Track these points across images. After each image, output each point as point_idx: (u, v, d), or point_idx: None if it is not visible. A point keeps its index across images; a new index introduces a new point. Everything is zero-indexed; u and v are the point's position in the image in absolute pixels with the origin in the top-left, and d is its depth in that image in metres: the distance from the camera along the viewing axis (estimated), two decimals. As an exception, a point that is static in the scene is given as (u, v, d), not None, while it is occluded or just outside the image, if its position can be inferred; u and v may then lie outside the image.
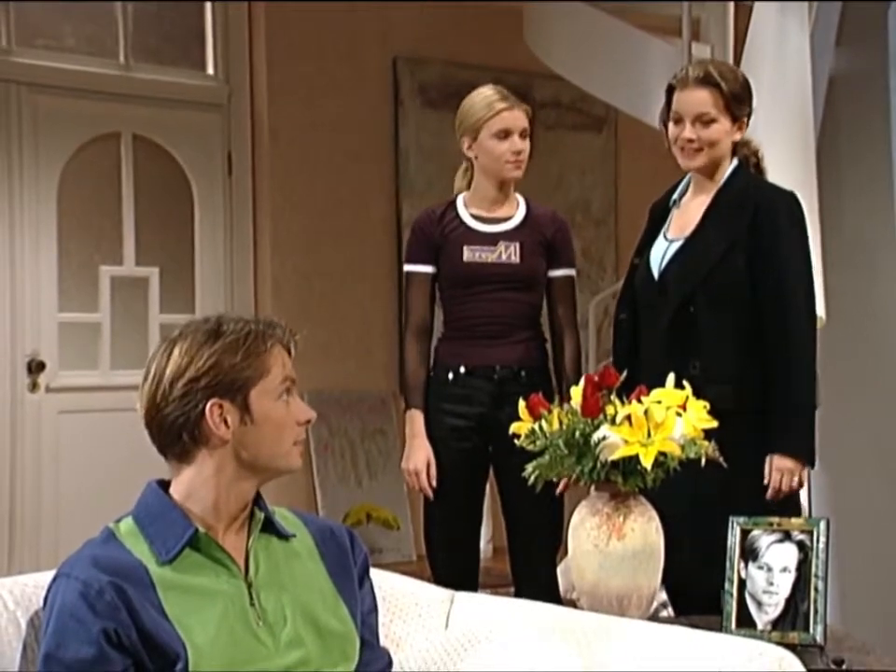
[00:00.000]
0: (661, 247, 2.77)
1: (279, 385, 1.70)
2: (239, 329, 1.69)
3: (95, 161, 5.04)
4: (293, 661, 1.65)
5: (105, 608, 1.56)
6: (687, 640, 1.75)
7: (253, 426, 1.68)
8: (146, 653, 1.57)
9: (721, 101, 2.67)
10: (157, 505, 1.70)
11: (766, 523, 2.16)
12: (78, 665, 1.54)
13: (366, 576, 1.83)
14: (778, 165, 3.05)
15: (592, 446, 2.11)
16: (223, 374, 1.66)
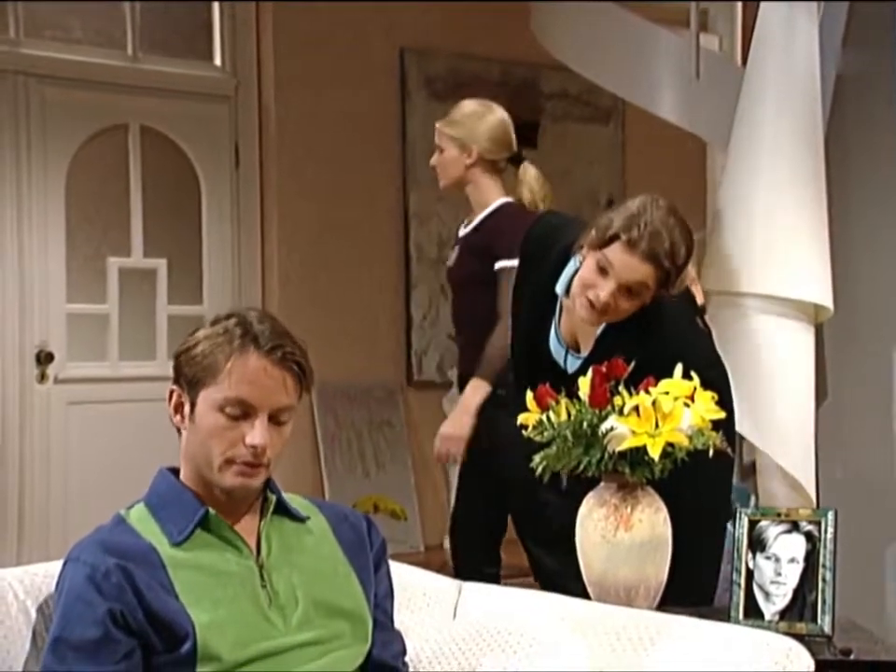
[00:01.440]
0: (559, 350, 2.55)
1: (221, 398, 1.64)
2: (226, 325, 1.67)
3: (103, 153, 5.05)
4: (303, 641, 1.65)
5: (112, 589, 1.58)
6: (694, 630, 1.75)
7: (193, 426, 1.67)
8: (154, 633, 1.58)
9: (660, 279, 2.35)
10: (168, 489, 1.71)
11: (774, 513, 2.17)
12: (85, 646, 1.55)
13: (383, 561, 1.83)
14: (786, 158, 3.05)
15: (599, 437, 2.11)
16: (186, 363, 1.67)
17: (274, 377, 1.64)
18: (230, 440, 1.64)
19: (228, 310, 1.74)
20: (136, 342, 5.03)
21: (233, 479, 1.65)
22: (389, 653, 1.79)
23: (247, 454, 1.64)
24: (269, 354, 1.64)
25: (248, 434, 1.63)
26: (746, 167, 3.10)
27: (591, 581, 2.15)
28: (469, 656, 1.83)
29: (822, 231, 3.05)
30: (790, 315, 3.01)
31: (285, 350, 1.65)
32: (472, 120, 3.31)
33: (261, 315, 1.71)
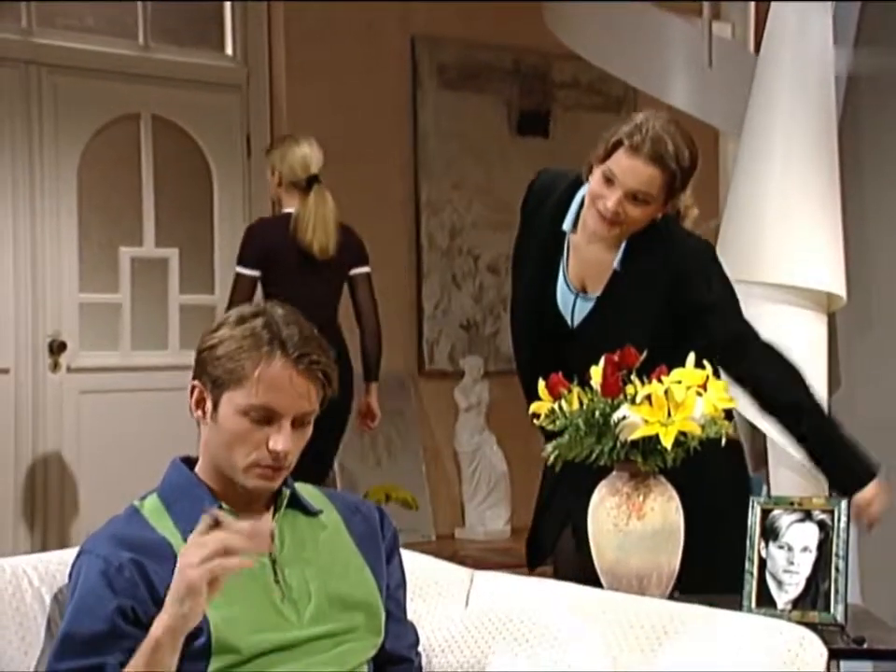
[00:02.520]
0: (568, 298, 2.50)
1: (245, 403, 1.62)
2: (252, 327, 1.64)
3: (115, 143, 5.05)
4: (316, 634, 1.66)
5: (124, 585, 1.58)
6: (707, 619, 1.75)
7: (215, 425, 1.66)
8: None
9: (666, 184, 2.35)
10: (181, 482, 1.71)
11: (787, 502, 2.16)
12: (90, 640, 1.56)
13: (395, 551, 1.83)
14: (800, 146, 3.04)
15: (612, 426, 2.11)
16: (210, 363, 1.65)
17: (300, 385, 1.63)
18: (253, 443, 1.63)
19: (254, 306, 1.71)
20: (148, 331, 5.05)
21: (256, 481, 1.65)
22: (402, 645, 1.79)
23: (270, 457, 1.63)
24: (296, 362, 1.62)
25: (272, 439, 1.62)
26: (759, 156, 3.09)
27: (603, 570, 2.15)
28: (481, 644, 1.83)
29: (836, 220, 3.04)
30: (802, 304, 3.00)
31: (311, 358, 1.63)
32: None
33: (288, 313, 1.67)
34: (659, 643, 1.74)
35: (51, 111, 4.85)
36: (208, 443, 1.68)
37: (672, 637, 1.74)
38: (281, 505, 1.72)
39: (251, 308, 1.69)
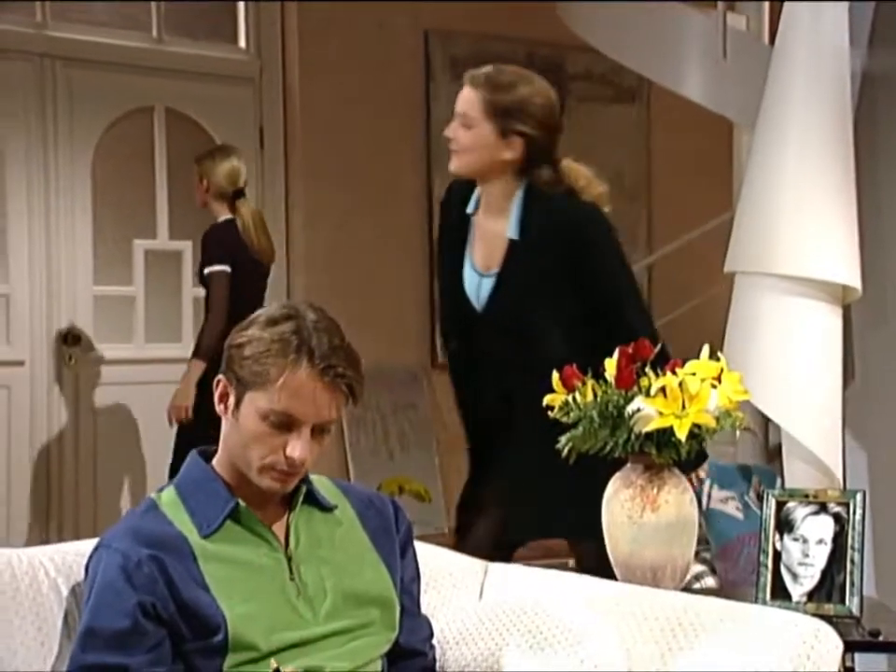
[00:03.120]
0: (473, 279, 2.57)
1: (267, 407, 1.62)
2: (282, 332, 1.62)
3: (128, 136, 5.06)
4: (331, 631, 1.66)
5: (144, 581, 1.58)
6: (722, 611, 1.75)
7: (236, 422, 1.66)
8: (184, 624, 1.59)
9: (484, 107, 2.48)
10: (199, 476, 1.71)
11: (802, 494, 2.16)
12: (114, 636, 1.56)
13: (409, 545, 1.83)
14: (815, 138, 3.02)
15: (626, 418, 2.11)
16: (237, 361, 1.64)
17: (324, 396, 1.61)
18: (270, 447, 1.63)
19: (285, 306, 1.68)
20: (162, 323, 5.06)
21: (270, 483, 1.65)
22: (416, 639, 1.80)
23: (286, 463, 1.63)
24: (322, 373, 1.60)
25: (290, 445, 1.62)
26: (774, 147, 3.08)
27: (617, 562, 2.15)
28: (495, 637, 1.83)
29: (851, 212, 3.02)
30: (817, 297, 2.99)
31: (337, 371, 1.61)
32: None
33: (319, 318, 1.65)
34: (673, 635, 1.74)
35: (66, 104, 4.87)
36: (227, 439, 1.69)
37: (686, 629, 1.74)
38: (297, 502, 1.71)
39: (283, 309, 1.66)
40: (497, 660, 1.78)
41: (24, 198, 4.79)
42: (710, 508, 3.05)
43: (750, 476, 3.18)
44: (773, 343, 2.98)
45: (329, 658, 1.64)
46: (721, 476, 3.10)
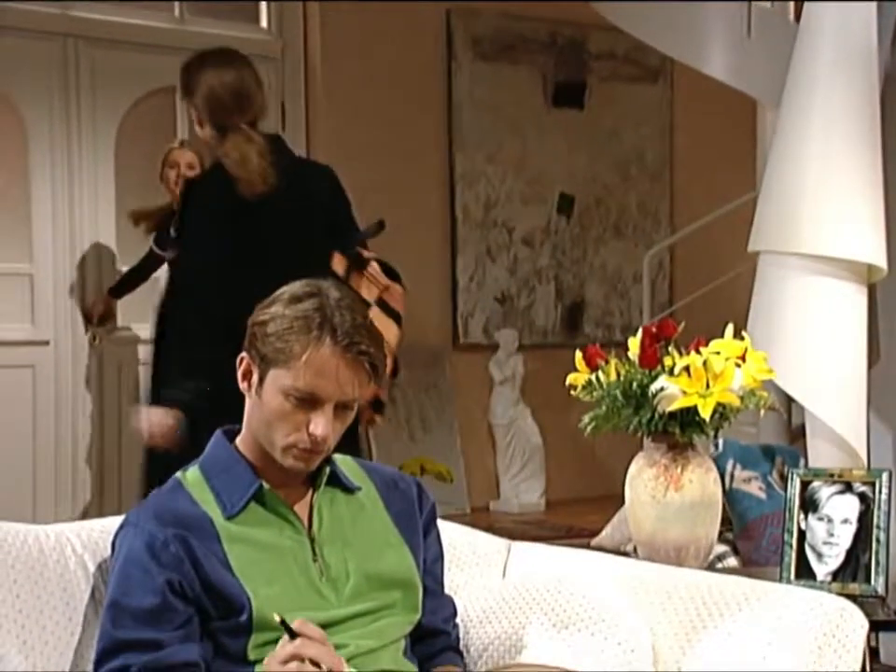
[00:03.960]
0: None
1: (290, 384, 1.61)
2: (305, 309, 1.61)
3: (151, 116, 5.06)
4: (355, 612, 1.66)
5: (170, 559, 1.58)
6: (747, 590, 1.74)
7: (259, 400, 1.66)
8: (210, 603, 1.59)
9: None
10: (222, 456, 1.71)
11: (827, 474, 2.15)
12: (143, 614, 1.57)
13: (432, 525, 1.83)
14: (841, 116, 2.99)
15: (649, 397, 2.10)
16: (260, 339, 1.64)
17: (347, 373, 1.60)
18: (293, 424, 1.62)
19: (308, 283, 1.67)
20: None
21: (293, 462, 1.65)
22: (438, 618, 1.80)
23: (309, 441, 1.62)
24: (345, 350, 1.59)
25: (313, 422, 1.61)
26: (798, 126, 3.05)
27: (640, 541, 2.15)
28: (518, 615, 1.83)
29: (877, 191, 2.99)
30: (842, 276, 2.97)
31: (360, 348, 1.60)
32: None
33: (341, 296, 1.63)
34: (697, 614, 1.74)
35: (89, 85, 4.87)
36: (251, 417, 1.69)
37: (710, 608, 1.74)
38: (320, 483, 1.71)
39: (306, 287, 1.65)
40: (521, 638, 1.78)
41: (48, 178, 4.80)
42: (733, 488, 3.04)
43: (774, 456, 3.16)
44: (797, 322, 2.96)
45: (353, 637, 1.64)
46: (744, 456, 3.08)
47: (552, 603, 1.80)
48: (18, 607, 1.64)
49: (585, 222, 6.07)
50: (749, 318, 2.98)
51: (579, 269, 6.07)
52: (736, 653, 1.66)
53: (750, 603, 1.71)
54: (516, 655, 1.76)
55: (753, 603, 1.71)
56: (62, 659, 1.66)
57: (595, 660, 1.66)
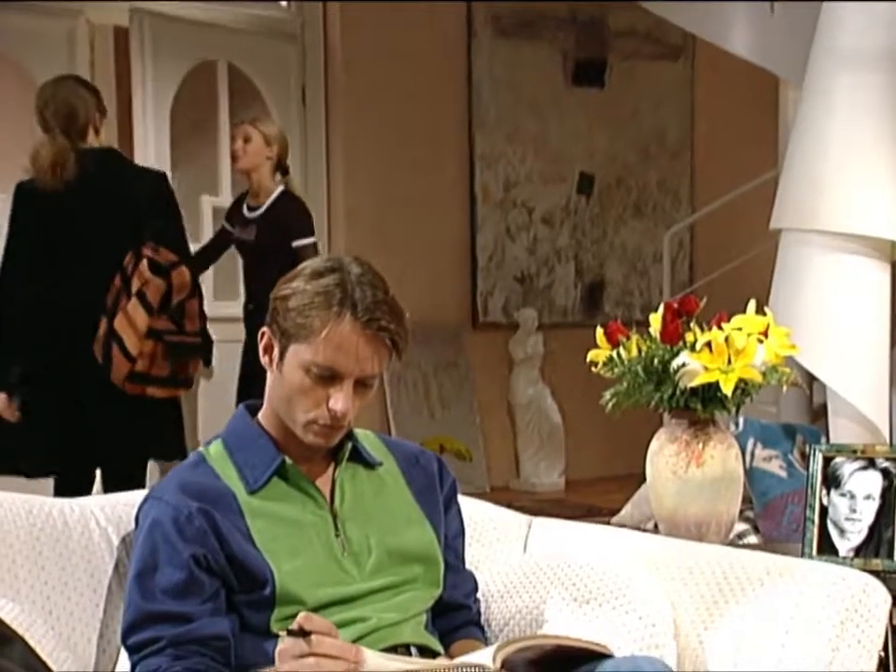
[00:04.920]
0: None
1: (309, 359, 1.61)
2: (326, 284, 1.61)
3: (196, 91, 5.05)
4: (377, 587, 1.67)
5: (195, 533, 1.59)
6: (769, 565, 1.74)
7: (280, 375, 1.66)
8: (234, 576, 1.60)
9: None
10: (245, 431, 1.71)
11: (850, 450, 2.14)
12: (171, 588, 1.57)
13: (453, 501, 1.83)
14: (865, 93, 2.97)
15: (671, 373, 2.10)
16: (281, 313, 1.64)
17: (367, 349, 1.60)
18: (313, 400, 1.62)
19: (330, 259, 1.66)
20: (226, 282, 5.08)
21: (313, 438, 1.65)
22: (459, 593, 1.80)
23: (329, 416, 1.62)
24: (365, 326, 1.59)
25: (332, 398, 1.61)
26: (821, 103, 3.03)
27: (661, 518, 2.15)
28: (539, 589, 1.83)
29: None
30: (865, 253, 2.95)
31: (380, 324, 1.59)
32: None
33: (363, 272, 1.62)
34: (719, 589, 1.74)
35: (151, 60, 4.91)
36: (272, 391, 1.69)
37: (732, 583, 1.74)
38: (342, 458, 1.72)
39: (328, 262, 1.65)
40: (542, 612, 1.78)
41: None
42: (753, 466, 3.03)
43: (794, 435, 3.15)
44: (819, 300, 2.95)
45: (375, 611, 1.64)
46: (765, 435, 3.07)
47: (573, 578, 1.80)
48: (43, 578, 1.66)
49: (605, 201, 6.05)
50: (771, 297, 2.97)
51: (598, 248, 6.05)
52: (758, 628, 1.66)
53: (772, 578, 1.71)
54: (537, 629, 1.76)
55: (775, 578, 1.71)
56: (87, 629, 1.67)
57: (615, 634, 1.66)
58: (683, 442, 2.12)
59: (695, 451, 2.10)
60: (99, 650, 1.67)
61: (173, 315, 3.32)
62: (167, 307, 3.31)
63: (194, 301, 3.39)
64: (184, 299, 3.35)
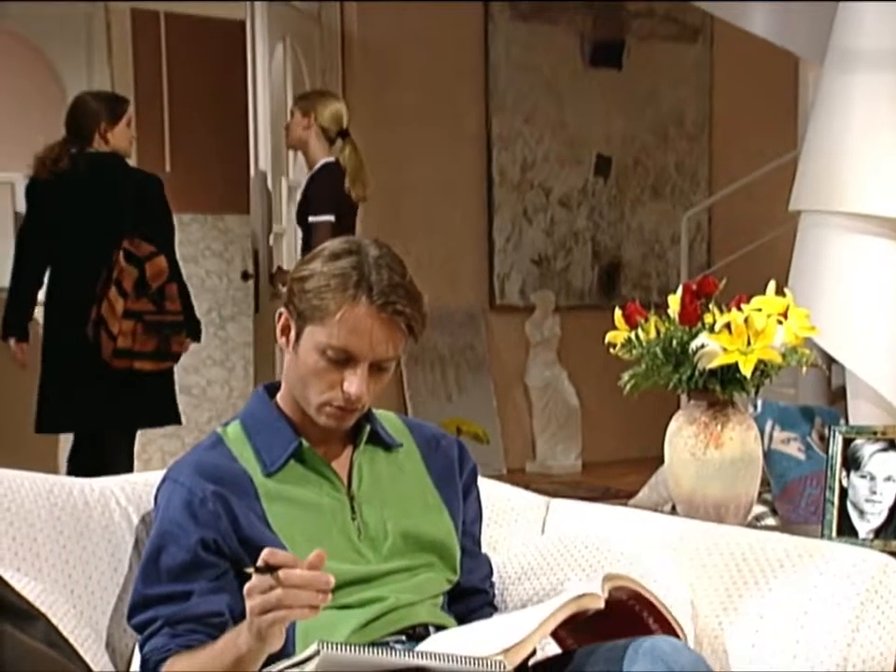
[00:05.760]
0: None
1: (325, 341, 1.60)
2: (342, 267, 1.60)
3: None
4: (392, 569, 1.67)
5: (207, 517, 1.59)
6: (788, 547, 1.74)
7: (296, 356, 1.65)
8: (248, 559, 1.59)
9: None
10: (263, 413, 1.71)
11: (870, 432, 2.13)
12: (175, 569, 1.58)
13: (473, 486, 1.82)
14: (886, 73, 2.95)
15: (689, 354, 2.09)
16: (298, 295, 1.64)
17: (381, 333, 1.59)
18: (328, 382, 1.62)
19: (348, 241, 1.66)
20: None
21: (326, 419, 1.65)
22: (475, 578, 1.79)
23: (343, 399, 1.62)
24: (380, 310, 1.58)
25: (347, 381, 1.60)
26: (842, 83, 3.01)
27: (680, 499, 2.14)
28: (556, 571, 1.83)
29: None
30: (885, 234, 2.94)
31: (396, 308, 1.59)
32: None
33: (381, 254, 1.62)
34: (738, 570, 1.74)
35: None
36: (288, 372, 1.69)
37: (751, 565, 1.73)
38: (360, 441, 1.71)
39: (345, 244, 1.64)
40: (559, 594, 1.77)
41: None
42: (771, 449, 3.03)
43: (813, 417, 3.14)
44: (839, 282, 2.94)
45: (392, 591, 1.64)
46: (783, 417, 3.07)
47: (590, 559, 1.81)
48: (64, 557, 1.67)
49: (622, 183, 6.03)
50: (790, 279, 2.96)
51: (616, 230, 6.03)
52: (777, 609, 1.66)
53: (792, 559, 1.71)
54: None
55: (795, 559, 1.70)
56: (108, 608, 1.69)
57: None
58: (702, 424, 2.12)
59: (714, 432, 2.10)
60: (120, 627, 1.68)
61: (154, 297, 3.78)
62: (146, 292, 3.77)
63: (173, 285, 3.84)
64: (164, 283, 3.80)
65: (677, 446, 2.14)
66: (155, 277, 3.78)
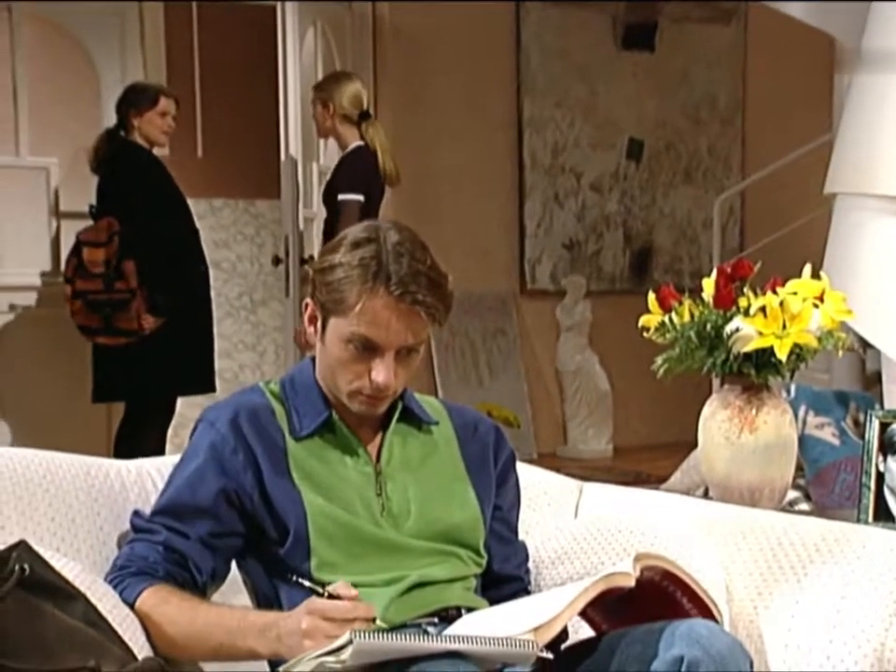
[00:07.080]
0: None
1: (348, 332, 1.61)
2: (361, 257, 1.60)
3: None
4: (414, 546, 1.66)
5: (233, 467, 1.62)
6: (824, 531, 1.73)
7: (324, 346, 1.66)
8: (268, 518, 1.62)
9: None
10: (304, 380, 1.72)
11: (907, 416, 2.12)
12: (190, 511, 1.61)
13: (510, 473, 1.81)
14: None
15: (724, 338, 2.08)
16: (321, 286, 1.64)
17: (400, 323, 1.59)
18: (356, 372, 1.62)
19: (368, 227, 1.65)
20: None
21: (358, 406, 1.66)
22: (511, 565, 1.79)
23: (371, 387, 1.62)
24: (398, 300, 1.58)
25: (374, 369, 1.61)
26: (879, 64, 2.98)
27: (714, 483, 2.14)
28: (590, 555, 1.83)
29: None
30: (922, 218, 2.91)
31: (416, 297, 1.58)
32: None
33: (401, 240, 1.61)
34: (773, 554, 1.73)
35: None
36: (319, 362, 1.70)
37: (786, 548, 1.73)
38: (393, 418, 1.72)
39: (365, 232, 1.64)
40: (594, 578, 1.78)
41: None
42: (805, 434, 3.01)
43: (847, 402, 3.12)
44: (874, 266, 2.91)
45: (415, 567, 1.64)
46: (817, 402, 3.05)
47: (623, 543, 1.80)
48: (102, 539, 1.69)
49: (654, 167, 5.99)
50: (825, 263, 2.93)
51: (648, 215, 6.00)
52: (814, 593, 1.65)
53: (828, 543, 1.70)
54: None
55: (831, 544, 1.69)
56: (145, 588, 1.69)
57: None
58: (736, 408, 2.11)
59: (748, 417, 2.09)
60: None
61: (107, 277, 4.02)
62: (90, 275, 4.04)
63: (129, 262, 4.00)
64: (121, 262, 4.00)
65: (711, 430, 2.13)
66: (91, 266, 4.03)
